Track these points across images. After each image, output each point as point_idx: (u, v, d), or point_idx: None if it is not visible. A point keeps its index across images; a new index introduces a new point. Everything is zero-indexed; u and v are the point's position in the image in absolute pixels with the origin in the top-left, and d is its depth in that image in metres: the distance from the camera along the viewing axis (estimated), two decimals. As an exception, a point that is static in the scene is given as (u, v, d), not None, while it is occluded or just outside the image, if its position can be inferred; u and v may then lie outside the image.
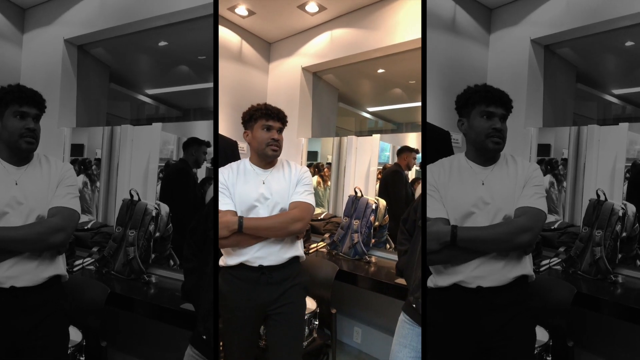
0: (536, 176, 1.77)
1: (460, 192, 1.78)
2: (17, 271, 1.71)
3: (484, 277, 1.72)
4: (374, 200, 3.38)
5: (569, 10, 2.99)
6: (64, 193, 1.80)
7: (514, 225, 1.68)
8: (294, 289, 2.08)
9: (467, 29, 3.33)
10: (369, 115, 4.77)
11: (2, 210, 1.72)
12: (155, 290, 2.45)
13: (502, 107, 1.76)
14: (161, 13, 2.96)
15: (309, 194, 2.09)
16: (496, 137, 1.75)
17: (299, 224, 2.03)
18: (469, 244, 1.71)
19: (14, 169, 1.80)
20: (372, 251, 3.35)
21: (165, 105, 3.78)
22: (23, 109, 1.75)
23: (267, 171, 2.12)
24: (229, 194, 2.07)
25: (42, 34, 3.48)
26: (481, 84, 1.82)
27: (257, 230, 2.00)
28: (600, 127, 2.88)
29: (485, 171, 1.80)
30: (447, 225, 1.74)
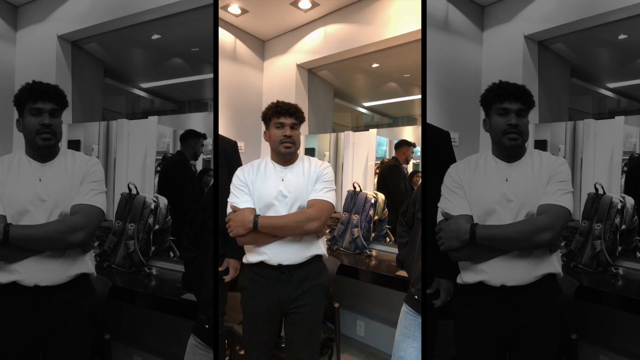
0: (561, 171, 1.73)
1: (483, 189, 1.78)
2: (40, 270, 1.69)
3: (507, 275, 1.71)
4: (373, 195, 3.39)
5: (562, 6, 3.00)
6: (88, 189, 1.77)
7: (534, 223, 1.67)
8: (314, 289, 2.05)
9: (460, 27, 3.32)
10: (365, 110, 4.78)
11: (25, 207, 1.71)
12: (157, 282, 2.45)
13: (517, 101, 1.75)
14: (153, 6, 2.95)
15: (328, 191, 2.05)
16: (512, 133, 1.74)
17: (315, 223, 1.98)
18: (488, 242, 1.70)
19: (39, 165, 1.79)
20: (373, 245, 3.36)
21: (160, 98, 3.76)
22: (37, 105, 1.74)
23: (286, 168, 2.10)
24: (249, 191, 2.06)
25: (36, 30, 3.45)
26: (498, 82, 1.82)
27: (272, 228, 1.98)
28: (596, 121, 2.89)
29: (509, 168, 1.79)
30: (470, 222, 1.74)
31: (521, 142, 1.77)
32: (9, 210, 1.71)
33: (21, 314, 1.70)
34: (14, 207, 1.71)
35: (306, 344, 2.08)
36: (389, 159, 3.71)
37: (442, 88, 3.18)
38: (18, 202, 1.72)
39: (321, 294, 2.09)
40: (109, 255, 2.64)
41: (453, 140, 2.70)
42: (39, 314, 1.71)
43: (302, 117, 2.14)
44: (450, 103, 3.18)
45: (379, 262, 3.10)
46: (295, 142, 2.09)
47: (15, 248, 1.66)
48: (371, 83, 4.48)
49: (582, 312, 2.42)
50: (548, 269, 1.71)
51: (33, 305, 1.70)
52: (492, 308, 1.75)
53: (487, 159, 1.84)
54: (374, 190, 3.57)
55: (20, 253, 1.68)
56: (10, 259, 1.69)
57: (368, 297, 3.33)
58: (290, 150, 2.07)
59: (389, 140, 3.84)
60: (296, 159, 2.14)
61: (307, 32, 4.01)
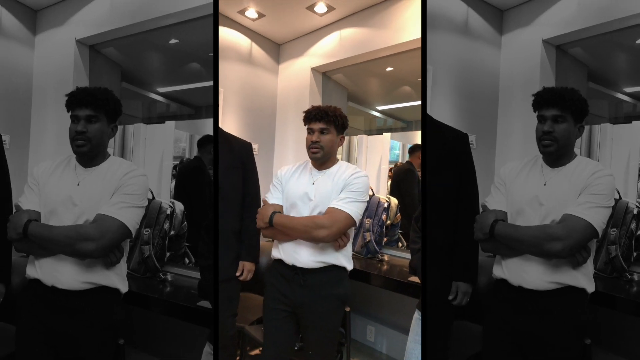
0: (598, 184, 1.68)
1: (520, 189, 1.82)
2: (56, 272, 1.71)
3: (522, 278, 1.74)
4: (386, 199, 3.38)
5: (580, 10, 2.99)
6: (116, 201, 1.74)
7: (545, 231, 1.67)
8: (330, 299, 2.03)
9: (479, 31, 3.34)
10: (378, 113, 4.77)
11: (54, 207, 1.74)
12: (171, 288, 2.45)
13: (554, 107, 1.74)
14: (171, 11, 2.95)
15: (350, 202, 1.97)
16: (545, 140, 1.75)
17: (324, 232, 1.93)
18: (504, 240, 1.75)
19: (82, 170, 1.81)
20: (385, 249, 3.35)
21: (177, 103, 3.78)
22: (75, 112, 1.77)
23: (321, 172, 2.10)
24: (281, 189, 2.12)
25: (54, 35, 3.49)
26: (543, 87, 1.81)
27: (283, 228, 2.00)
28: (612, 126, 2.88)
29: (552, 173, 1.80)
30: (501, 217, 1.81)
31: (555, 148, 1.75)
32: (43, 208, 1.76)
33: (40, 311, 1.74)
34: (48, 206, 1.75)
35: (320, 353, 2.08)
36: (403, 163, 3.70)
37: (460, 91, 3.19)
38: (52, 201, 1.75)
39: (337, 305, 2.07)
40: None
41: (470, 142, 2.70)
42: (54, 315, 1.73)
43: (337, 120, 2.07)
44: (468, 106, 3.20)
45: (391, 267, 3.09)
46: (324, 147, 2.04)
47: (37, 245, 1.70)
48: (385, 87, 4.47)
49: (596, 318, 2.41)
50: (567, 280, 1.70)
51: (50, 305, 1.73)
52: (509, 307, 1.79)
53: (536, 162, 1.87)
54: (386, 194, 3.57)
55: (41, 251, 1.71)
56: (33, 254, 1.74)
57: (379, 302, 3.34)
58: (317, 155, 2.05)
59: (402, 144, 3.83)
60: (333, 163, 2.11)
61: (322, 35, 4.01)
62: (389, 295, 3.08)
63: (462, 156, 2.12)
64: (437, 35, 3.16)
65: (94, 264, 1.73)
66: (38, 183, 1.81)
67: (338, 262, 2.02)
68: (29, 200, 1.79)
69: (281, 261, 2.04)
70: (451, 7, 3.22)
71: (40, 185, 1.80)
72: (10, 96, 3.36)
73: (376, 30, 3.58)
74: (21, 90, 3.45)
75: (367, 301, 3.38)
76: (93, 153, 1.80)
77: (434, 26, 3.17)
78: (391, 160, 3.73)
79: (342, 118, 2.10)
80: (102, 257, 1.72)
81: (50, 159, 1.91)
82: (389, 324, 3.29)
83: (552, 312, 1.71)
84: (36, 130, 3.47)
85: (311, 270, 2.00)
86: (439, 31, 3.16)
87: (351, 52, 3.79)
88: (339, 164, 2.12)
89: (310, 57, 4.11)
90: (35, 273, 1.74)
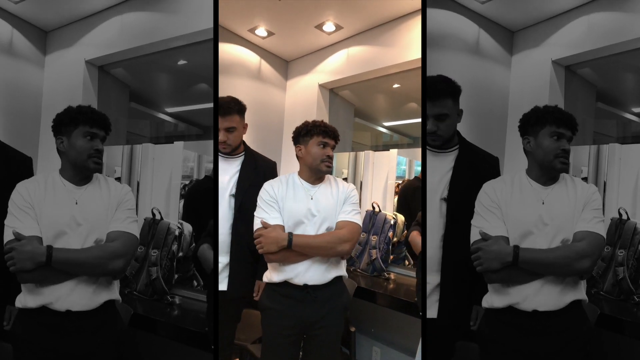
0: (595, 199, 1.77)
1: (520, 210, 1.79)
2: (75, 295, 1.70)
3: (539, 301, 1.72)
4: (392, 216, 3.35)
5: (590, 32, 3.02)
6: (124, 217, 1.78)
7: (574, 250, 1.69)
8: (335, 309, 2.07)
9: (490, 52, 3.38)
10: (385, 129, 4.78)
11: (62, 230, 1.72)
12: (179, 311, 2.41)
13: (570, 129, 1.79)
14: (180, 34, 2.99)
15: (356, 214, 2.07)
16: (563, 158, 1.77)
17: (347, 245, 2.00)
18: (530, 266, 1.71)
19: (74, 188, 1.80)
20: (391, 267, 3.33)
21: (186, 123, 3.80)
22: (93, 130, 1.77)
23: (315, 187, 2.11)
24: (278, 207, 2.04)
25: (64, 55, 3.54)
26: (552, 105, 1.84)
27: (306, 248, 1.97)
28: (621, 146, 2.86)
29: (545, 190, 1.81)
30: (507, 243, 1.76)
31: (568, 168, 1.81)
32: (45, 232, 1.70)
33: (52, 340, 1.71)
34: (52, 229, 1.71)
35: None
36: (411, 179, 3.68)
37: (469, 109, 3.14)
38: (56, 223, 1.71)
39: (341, 314, 2.11)
40: (130, 281, 2.62)
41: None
42: (69, 339, 1.71)
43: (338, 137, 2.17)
44: (478, 124, 3.19)
45: (397, 285, 3.07)
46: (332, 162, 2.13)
47: (55, 271, 1.66)
48: (392, 103, 4.48)
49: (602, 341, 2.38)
50: (577, 295, 1.73)
51: (63, 330, 1.71)
52: (521, 333, 1.76)
53: (521, 180, 1.86)
54: (393, 211, 3.55)
55: (59, 276, 1.68)
56: (48, 281, 1.68)
57: (385, 322, 3.30)
58: (329, 170, 2.11)
59: (408, 160, 3.83)
60: (324, 178, 2.15)
61: (330, 53, 4.04)
62: (396, 316, 3.05)
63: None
64: (448, 55, 3.19)
65: (107, 280, 1.77)
66: (32, 206, 1.72)
67: (342, 272, 2.09)
68: (27, 226, 1.70)
69: (287, 283, 2.01)
70: (463, 27, 3.26)
71: (35, 208, 1.72)
72: (20, 115, 3.40)
73: (383, 48, 3.61)
74: (31, 109, 3.49)
75: (372, 321, 3.35)
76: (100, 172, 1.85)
77: (445, 46, 3.20)
78: (398, 176, 3.72)
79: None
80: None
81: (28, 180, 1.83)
82: (395, 345, 3.25)
83: (560, 329, 1.73)
84: (44, 149, 3.50)
85: (322, 285, 2.02)
86: (450, 51, 3.20)
87: (358, 70, 3.82)
88: (328, 177, 2.16)
89: (317, 74, 4.14)
90: (42, 300, 1.69)
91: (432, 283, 2.07)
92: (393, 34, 3.53)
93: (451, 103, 2.04)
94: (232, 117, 2.38)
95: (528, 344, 1.75)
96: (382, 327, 3.34)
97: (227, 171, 2.40)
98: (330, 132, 2.10)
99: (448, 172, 2.08)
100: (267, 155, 2.61)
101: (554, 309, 1.71)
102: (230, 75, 3.89)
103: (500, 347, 1.81)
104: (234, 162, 2.43)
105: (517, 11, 3.28)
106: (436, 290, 2.06)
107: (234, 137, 2.39)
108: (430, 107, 2.02)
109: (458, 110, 2.10)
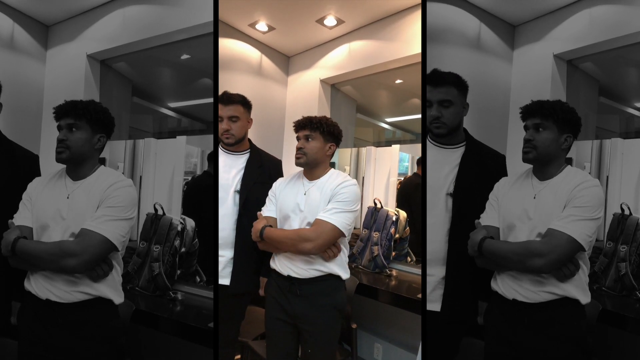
0: (582, 196, 1.67)
1: (511, 203, 1.82)
2: (50, 285, 1.71)
3: (516, 291, 1.74)
4: (394, 212, 3.33)
5: (592, 26, 3.01)
6: (100, 214, 1.72)
7: (527, 247, 1.68)
8: (326, 308, 2.03)
9: (491, 46, 3.37)
10: (387, 125, 4.77)
11: (46, 222, 1.74)
12: (182, 307, 2.40)
13: (535, 116, 1.76)
14: (182, 27, 2.98)
15: (336, 212, 1.97)
16: (525, 147, 1.77)
17: (309, 245, 1.94)
18: (490, 256, 1.77)
19: (71, 182, 1.81)
20: (393, 264, 3.32)
21: (188, 117, 3.79)
22: (60, 122, 1.78)
23: (312, 182, 2.10)
24: (275, 201, 2.14)
25: (65, 49, 3.53)
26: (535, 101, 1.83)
27: (272, 241, 2.04)
28: (623, 140, 2.86)
29: (541, 185, 1.80)
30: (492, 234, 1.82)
31: (534, 155, 1.76)
32: (35, 223, 1.76)
33: (37, 326, 1.74)
34: (39, 221, 1.75)
35: None
36: (411, 175, 3.67)
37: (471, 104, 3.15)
38: (42, 216, 1.75)
39: (334, 315, 2.06)
40: (132, 277, 2.60)
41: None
42: (53, 329, 1.72)
43: (321, 127, 2.07)
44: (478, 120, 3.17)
45: (399, 282, 3.06)
46: (307, 154, 2.06)
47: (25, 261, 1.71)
48: (394, 99, 4.46)
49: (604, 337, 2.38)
50: (557, 291, 1.70)
51: (46, 320, 1.73)
52: (510, 324, 1.78)
53: (527, 175, 1.87)
54: (395, 207, 3.54)
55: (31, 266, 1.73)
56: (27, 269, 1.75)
57: (387, 319, 3.31)
58: (300, 161, 2.08)
59: (411, 156, 3.81)
60: (324, 172, 2.12)
61: (331, 48, 4.03)
62: (397, 312, 3.05)
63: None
64: (449, 50, 3.18)
65: (83, 277, 1.73)
66: (30, 199, 1.80)
67: (332, 271, 2.03)
68: (21, 216, 1.79)
69: (277, 272, 2.07)
70: (464, 22, 3.25)
71: (32, 201, 1.79)
72: (21, 110, 3.39)
73: (385, 43, 3.59)
74: (32, 104, 3.48)
75: (374, 318, 3.36)
76: (75, 161, 1.79)
77: (446, 40, 3.20)
78: (400, 173, 3.70)
79: (329, 125, 2.09)
80: (87, 271, 1.71)
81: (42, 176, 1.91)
82: (396, 342, 3.26)
83: (548, 324, 1.71)
84: (46, 144, 3.49)
85: (306, 280, 2.01)
86: (451, 45, 3.19)
87: (360, 65, 3.80)
88: (330, 172, 2.12)
89: (319, 69, 4.13)
90: (30, 287, 1.75)
91: (437, 276, 2.08)
92: (395, 28, 3.51)
93: (456, 92, 2.05)
94: (235, 106, 2.36)
95: (518, 335, 1.76)
96: (384, 323, 3.35)
97: (233, 167, 2.40)
98: (299, 123, 2.10)
99: (454, 168, 2.08)
100: (267, 151, 2.60)
101: (532, 301, 1.71)
102: (231, 71, 3.88)
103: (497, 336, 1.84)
104: (239, 159, 2.43)
105: (519, 5, 3.27)
106: (440, 283, 2.08)
107: (237, 127, 2.37)
108: (435, 93, 2.03)
109: (464, 102, 2.10)
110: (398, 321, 3.24)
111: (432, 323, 2.09)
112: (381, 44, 3.63)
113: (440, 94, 2.02)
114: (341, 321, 2.14)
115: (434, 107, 2.04)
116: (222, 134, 2.36)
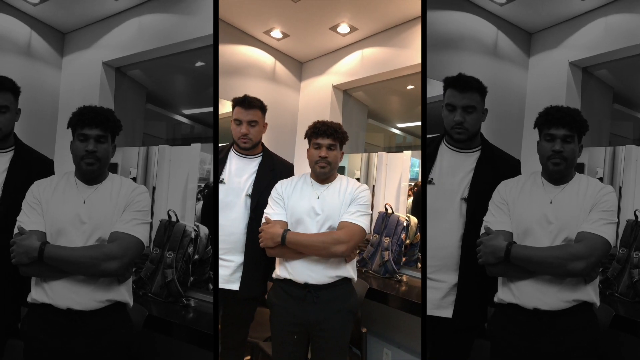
0: (606, 200, 1.72)
1: (526, 207, 1.80)
2: (74, 293, 1.70)
3: (539, 299, 1.72)
4: (405, 218, 3.34)
5: (607, 34, 3.02)
6: (130, 218, 1.76)
7: (569, 250, 1.67)
8: (341, 313, 2.05)
9: (508, 53, 3.41)
10: (398, 131, 4.77)
11: (63, 227, 1.73)
12: (194, 314, 2.40)
13: (564, 127, 1.75)
14: (197, 35, 3.01)
15: (361, 215, 2.03)
16: (556, 159, 1.76)
17: (342, 247, 1.97)
18: (522, 262, 1.72)
19: (85, 187, 1.82)
20: (403, 270, 3.30)
21: (203, 125, 3.81)
22: (84, 131, 1.77)
23: (323, 186, 2.12)
24: (284, 204, 2.10)
25: (81, 57, 3.58)
26: (554, 106, 1.83)
27: (299, 246, 2.00)
28: (637, 147, 2.84)
29: (555, 190, 1.80)
30: (509, 239, 1.77)
31: (565, 167, 1.78)
32: (49, 228, 1.74)
33: (57, 338, 1.71)
34: (54, 226, 1.73)
35: None
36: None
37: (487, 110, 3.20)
38: (58, 221, 1.73)
39: (349, 318, 2.09)
40: (145, 283, 2.61)
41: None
42: (74, 339, 1.71)
43: (342, 137, 2.12)
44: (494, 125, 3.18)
45: (410, 288, 3.05)
46: (331, 163, 2.09)
47: (50, 267, 1.67)
48: (405, 104, 4.46)
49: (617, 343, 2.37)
50: (582, 296, 1.71)
51: (67, 329, 1.71)
52: (524, 331, 1.76)
53: (535, 180, 1.87)
54: (406, 212, 3.54)
55: (54, 273, 1.69)
56: (44, 277, 1.71)
57: (397, 324, 3.29)
58: (325, 170, 2.08)
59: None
60: (334, 178, 2.15)
61: (344, 54, 4.04)
62: (407, 318, 3.04)
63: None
64: (466, 56, 3.21)
65: (109, 281, 1.74)
66: (40, 202, 1.77)
67: (348, 275, 2.06)
68: (32, 220, 1.74)
69: (290, 281, 2.04)
70: (482, 29, 3.29)
71: (42, 204, 1.77)
72: (37, 116, 3.44)
73: (397, 50, 3.60)
74: (48, 110, 3.52)
75: (384, 323, 3.35)
76: (100, 172, 1.82)
77: (464, 47, 3.24)
78: (411, 178, 3.70)
79: (345, 135, 2.14)
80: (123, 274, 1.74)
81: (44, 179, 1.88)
82: (406, 348, 3.25)
83: (567, 330, 1.71)
84: (61, 149, 3.53)
85: (323, 286, 2.02)
86: (469, 52, 3.22)
87: (372, 71, 3.82)
88: (340, 177, 2.16)
89: (331, 75, 4.15)
90: (45, 297, 1.71)
91: (449, 282, 2.06)
92: (407, 36, 3.52)
93: (479, 98, 2.06)
94: (255, 111, 2.37)
95: (533, 342, 1.74)
96: (394, 329, 3.35)
97: (245, 171, 2.40)
98: (321, 131, 2.08)
99: (469, 172, 2.08)
100: (280, 155, 2.61)
101: (555, 308, 1.70)
102: (244, 77, 3.92)
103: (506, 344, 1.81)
104: (251, 163, 2.43)
105: (535, 13, 3.29)
106: (452, 289, 2.06)
107: (255, 131, 2.37)
108: (460, 99, 2.03)
109: (483, 108, 2.11)
110: (407, 327, 3.23)
111: (443, 329, 2.09)
112: (393, 51, 3.64)
113: (466, 99, 2.02)
114: (352, 324, 2.15)
115: (457, 112, 2.04)
116: (240, 138, 2.36)
